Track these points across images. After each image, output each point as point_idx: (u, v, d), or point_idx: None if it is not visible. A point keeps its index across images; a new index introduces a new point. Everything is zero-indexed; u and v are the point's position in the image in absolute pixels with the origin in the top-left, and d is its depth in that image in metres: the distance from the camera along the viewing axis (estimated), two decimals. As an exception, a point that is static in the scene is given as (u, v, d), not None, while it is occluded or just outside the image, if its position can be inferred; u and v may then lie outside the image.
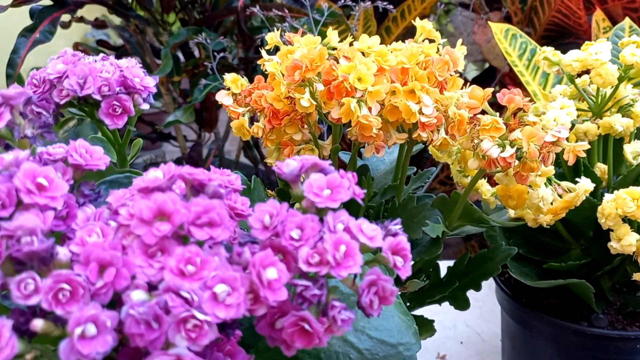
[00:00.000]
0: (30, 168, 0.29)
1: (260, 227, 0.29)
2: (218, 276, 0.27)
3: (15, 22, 1.12)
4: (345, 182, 0.31)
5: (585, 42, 0.63)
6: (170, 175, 0.30)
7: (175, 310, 0.25)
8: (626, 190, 0.57)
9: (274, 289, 0.27)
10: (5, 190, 0.28)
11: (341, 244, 0.28)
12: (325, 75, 0.50)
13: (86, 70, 0.38)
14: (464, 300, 0.65)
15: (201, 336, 0.26)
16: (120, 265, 0.27)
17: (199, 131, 1.51)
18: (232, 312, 0.26)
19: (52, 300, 0.26)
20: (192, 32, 1.18)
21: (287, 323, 0.28)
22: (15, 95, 0.34)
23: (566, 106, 0.59)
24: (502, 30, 0.82)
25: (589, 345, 0.66)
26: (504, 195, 0.58)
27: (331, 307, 0.29)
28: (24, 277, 0.26)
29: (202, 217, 0.28)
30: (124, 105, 0.39)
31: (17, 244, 0.27)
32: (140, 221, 0.28)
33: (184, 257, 0.27)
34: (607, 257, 0.64)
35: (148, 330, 0.25)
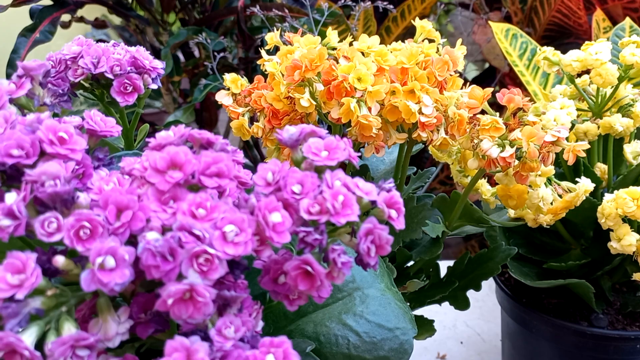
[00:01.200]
0: (52, 123, 0.32)
1: (263, 183, 0.31)
2: (227, 218, 0.29)
3: (15, 22, 1.12)
4: (341, 144, 0.33)
5: (585, 42, 0.63)
6: (181, 134, 0.33)
7: (188, 245, 0.28)
8: (626, 190, 0.57)
9: (279, 231, 0.30)
10: (29, 141, 0.30)
11: (339, 194, 0.30)
12: (325, 75, 0.50)
13: (99, 51, 0.42)
14: (464, 300, 0.65)
15: (212, 270, 0.28)
16: (137, 209, 0.29)
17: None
18: (241, 249, 0.28)
19: (73, 237, 0.28)
20: (192, 32, 1.18)
21: (290, 267, 0.30)
22: (35, 67, 0.37)
23: (566, 106, 0.59)
24: (502, 30, 0.82)
25: (588, 345, 0.66)
26: (504, 195, 0.58)
27: (331, 250, 0.31)
28: (48, 216, 0.28)
29: (212, 167, 0.31)
30: (135, 83, 0.42)
31: (42, 187, 0.29)
32: (154, 170, 0.30)
33: (195, 202, 0.29)
34: (607, 257, 0.64)
35: (164, 262, 0.27)
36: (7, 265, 0.27)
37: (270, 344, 0.30)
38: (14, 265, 0.27)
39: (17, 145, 0.30)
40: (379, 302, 0.43)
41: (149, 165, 0.30)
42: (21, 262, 0.27)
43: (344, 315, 0.41)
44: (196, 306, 0.28)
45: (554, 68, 0.64)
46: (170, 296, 0.27)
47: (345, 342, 0.41)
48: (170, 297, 0.27)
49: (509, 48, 0.81)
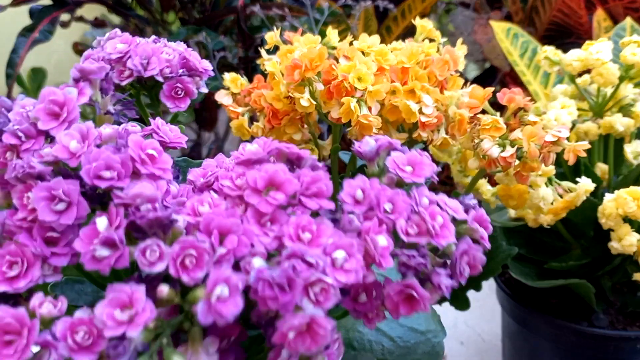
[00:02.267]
0: (138, 140, 0.29)
1: (352, 201, 0.30)
2: (335, 243, 0.28)
3: (15, 21, 1.12)
4: (425, 159, 0.32)
5: (586, 41, 0.63)
6: (269, 149, 0.31)
7: (303, 274, 0.26)
8: (627, 190, 0.57)
9: (384, 255, 0.28)
10: (119, 160, 0.28)
11: (437, 215, 0.29)
12: (325, 74, 0.50)
13: (149, 50, 0.37)
14: (464, 300, 0.64)
15: (327, 300, 0.26)
16: (241, 233, 0.27)
17: (199, 131, 1.51)
18: (352, 277, 0.27)
19: (179, 266, 0.26)
20: (191, 31, 1.17)
21: (393, 291, 0.29)
22: (95, 70, 0.33)
23: (567, 106, 0.59)
24: (503, 29, 0.82)
25: (589, 345, 0.66)
26: (505, 195, 0.58)
27: (436, 273, 0.30)
28: (149, 244, 0.26)
29: (311, 187, 0.29)
30: (187, 87, 0.38)
31: (137, 211, 0.27)
32: (253, 191, 0.28)
33: (300, 225, 0.28)
34: (608, 257, 0.64)
35: (282, 293, 0.26)
36: (113, 300, 0.25)
37: None
38: (120, 299, 0.25)
39: (106, 166, 0.28)
40: None
41: (246, 184, 0.28)
42: (127, 296, 0.25)
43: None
44: (314, 338, 0.26)
45: (555, 68, 0.64)
46: (291, 329, 0.26)
47: (380, 347, 0.40)
48: (292, 329, 0.26)
49: (509, 47, 0.80)
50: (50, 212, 0.27)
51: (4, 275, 0.26)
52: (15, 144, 0.29)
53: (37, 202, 0.27)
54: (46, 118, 0.30)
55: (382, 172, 0.32)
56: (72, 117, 0.30)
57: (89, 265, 0.26)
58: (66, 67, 1.91)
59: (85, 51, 0.39)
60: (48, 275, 0.27)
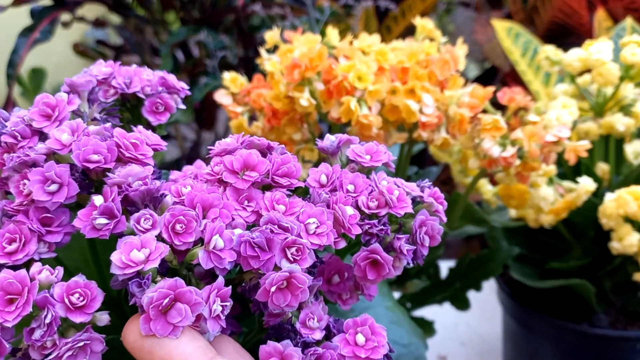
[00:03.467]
0: (122, 131, 0.33)
1: (317, 185, 0.34)
2: (307, 212, 0.31)
3: (14, 21, 1.11)
4: (381, 148, 0.35)
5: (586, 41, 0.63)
6: (242, 141, 0.35)
7: (279, 236, 0.29)
8: (628, 190, 0.57)
9: (352, 224, 0.32)
10: (105, 147, 0.31)
11: (394, 190, 0.33)
12: (324, 74, 0.50)
13: (131, 72, 0.43)
14: (464, 300, 0.64)
15: (303, 260, 0.30)
16: (222, 206, 0.31)
17: (198, 131, 1.51)
18: (324, 239, 0.31)
19: (171, 232, 0.29)
20: (191, 31, 1.17)
21: (359, 258, 0.32)
22: (83, 83, 0.38)
23: (568, 105, 0.59)
24: (504, 28, 0.82)
25: (589, 346, 0.66)
26: (505, 195, 0.58)
27: (396, 239, 0.33)
28: (143, 213, 0.29)
29: (282, 167, 0.33)
30: (167, 102, 0.43)
31: (129, 187, 0.30)
32: (229, 172, 0.32)
33: (274, 198, 0.32)
34: (608, 257, 0.64)
35: (262, 252, 0.29)
36: (127, 245, 0.28)
37: (355, 324, 0.31)
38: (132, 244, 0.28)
39: (94, 151, 0.31)
40: (390, 319, 0.44)
41: (224, 167, 0.32)
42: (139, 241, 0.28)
43: None
44: (294, 293, 0.29)
45: (555, 67, 0.64)
46: (272, 284, 0.29)
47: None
48: (273, 285, 0.29)
49: (511, 47, 0.80)
50: (44, 192, 0.30)
51: (3, 250, 0.30)
52: (12, 143, 0.33)
53: (32, 184, 0.30)
54: (40, 119, 0.34)
55: (344, 165, 0.36)
56: (63, 116, 0.34)
57: (90, 234, 0.29)
58: (66, 67, 1.92)
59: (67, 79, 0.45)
60: (43, 252, 0.30)
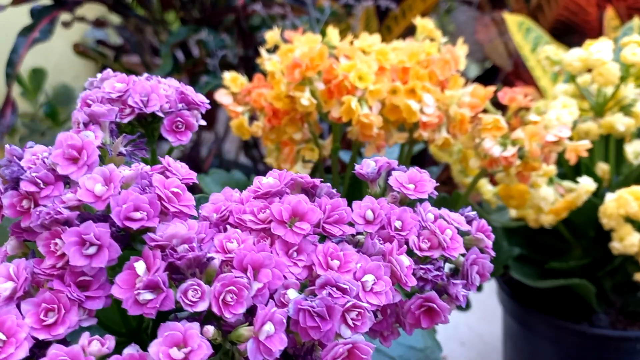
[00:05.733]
0: (162, 179, 0.30)
1: (363, 222, 0.31)
2: (363, 267, 0.29)
3: (13, 21, 1.11)
4: (425, 176, 0.33)
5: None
6: (285, 181, 0.32)
7: (339, 300, 0.27)
8: (628, 190, 0.57)
9: (409, 275, 0.30)
10: (147, 200, 0.28)
11: (446, 228, 0.31)
12: (325, 73, 0.50)
13: (148, 87, 0.38)
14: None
15: (364, 324, 0.27)
16: (273, 266, 0.28)
17: (198, 130, 1.51)
18: (383, 298, 0.28)
19: (221, 304, 0.26)
20: (191, 31, 1.17)
21: (414, 305, 0.30)
22: (105, 112, 0.33)
23: (568, 105, 0.59)
24: (516, 22, 0.81)
25: (589, 345, 0.66)
26: (506, 195, 0.58)
27: (452, 284, 0.31)
28: (191, 285, 0.27)
29: (332, 215, 0.30)
30: (187, 121, 0.39)
31: (174, 252, 0.27)
32: (278, 222, 0.29)
33: (328, 252, 0.29)
34: (609, 257, 0.64)
35: (323, 322, 0.26)
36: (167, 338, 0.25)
37: None
38: (174, 337, 0.25)
39: (135, 207, 0.28)
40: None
41: (272, 216, 0.29)
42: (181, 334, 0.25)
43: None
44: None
45: (556, 67, 0.64)
46: (335, 357, 0.26)
47: None
48: (336, 357, 0.27)
49: (521, 42, 0.79)
50: (82, 256, 0.27)
51: (41, 323, 0.26)
52: (33, 191, 0.29)
53: (67, 247, 0.27)
54: (65, 163, 0.30)
55: (384, 192, 0.34)
56: (92, 160, 0.30)
57: (133, 310, 0.26)
58: (66, 67, 1.92)
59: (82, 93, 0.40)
60: (83, 320, 0.27)
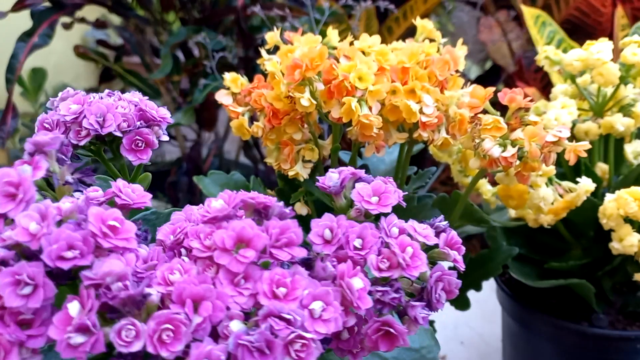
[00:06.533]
0: (98, 212, 0.28)
1: (321, 242, 0.30)
2: (311, 293, 0.27)
3: (13, 24, 1.11)
4: (390, 187, 0.32)
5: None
6: (235, 203, 0.30)
7: (282, 333, 0.26)
8: (628, 191, 0.57)
9: (362, 297, 0.28)
10: (80, 238, 0.27)
11: (406, 246, 0.29)
12: (325, 74, 0.50)
13: (103, 107, 0.37)
14: (464, 300, 0.64)
15: (309, 354, 0.26)
16: (214, 298, 0.27)
17: (199, 131, 1.51)
18: (332, 326, 0.27)
19: (157, 343, 0.25)
20: (191, 31, 1.17)
21: (370, 330, 0.29)
22: (49, 141, 0.32)
23: (567, 105, 0.59)
24: (533, 15, 0.80)
25: (589, 346, 0.66)
26: (505, 195, 0.58)
27: (411, 307, 0.30)
28: (124, 324, 0.26)
29: (281, 238, 0.29)
30: (147, 138, 0.38)
31: (108, 291, 0.26)
32: (222, 251, 0.28)
33: (274, 280, 0.27)
34: (608, 257, 0.64)
35: (262, 357, 0.25)
36: None
37: None
38: None
39: (68, 246, 0.27)
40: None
41: (215, 244, 0.28)
42: None
43: None
44: None
45: (555, 67, 0.64)
46: None
47: None
48: None
49: (537, 35, 0.79)
50: (17, 297, 0.26)
51: None
52: None
53: (2, 288, 0.26)
54: (3, 200, 0.29)
55: (351, 204, 0.32)
56: (29, 196, 0.29)
57: (66, 353, 0.25)
58: (66, 68, 1.92)
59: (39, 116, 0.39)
60: (28, 358, 0.26)
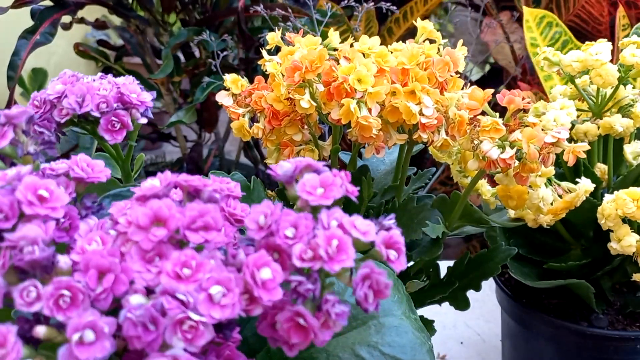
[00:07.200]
0: (31, 181, 0.30)
1: (255, 227, 0.30)
2: (213, 278, 0.28)
3: (15, 23, 1.12)
4: (337, 180, 0.31)
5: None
6: (167, 183, 0.31)
7: (171, 312, 0.26)
8: (626, 191, 0.57)
9: (269, 288, 0.28)
10: (7, 202, 0.29)
11: (333, 238, 0.29)
12: (325, 76, 0.50)
13: (84, 89, 0.40)
14: (464, 300, 0.65)
15: (197, 337, 0.27)
16: (119, 271, 0.28)
17: (199, 131, 1.51)
18: (228, 312, 0.27)
19: (53, 306, 0.27)
20: (192, 32, 1.18)
21: (282, 319, 0.29)
22: (17, 115, 0.35)
23: (566, 106, 0.59)
24: (536, 16, 0.77)
25: (589, 346, 0.66)
26: (504, 195, 0.58)
27: (325, 301, 0.29)
28: (26, 285, 0.27)
29: (197, 221, 0.29)
30: (122, 120, 0.41)
31: (20, 253, 0.28)
32: (137, 227, 0.29)
33: (180, 261, 0.28)
34: (608, 257, 0.64)
35: (145, 332, 0.26)
36: None
37: None
38: None
39: None
40: (396, 332, 0.40)
41: (132, 221, 0.29)
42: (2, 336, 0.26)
43: (358, 347, 0.39)
44: None
45: (554, 68, 0.64)
46: None
47: None
48: None
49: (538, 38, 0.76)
50: None
51: None
52: None
53: None
54: None
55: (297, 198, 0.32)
56: None
57: None
58: (67, 67, 1.91)
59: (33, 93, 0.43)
60: None
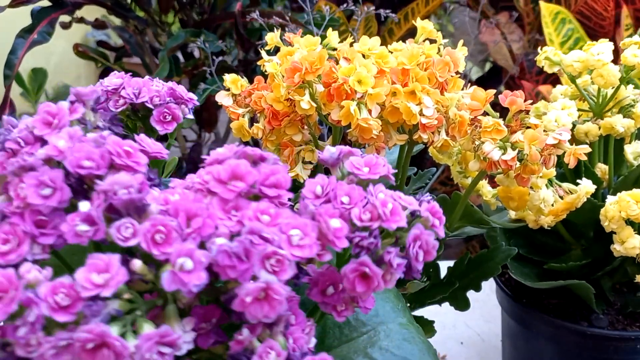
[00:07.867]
0: (116, 139, 0.34)
1: (312, 196, 0.33)
2: (291, 223, 0.31)
3: (13, 22, 1.11)
4: (380, 160, 0.35)
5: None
6: (235, 151, 0.35)
7: (260, 247, 0.29)
8: (629, 193, 0.57)
9: (338, 236, 0.31)
10: (98, 153, 0.32)
11: (388, 203, 0.33)
12: (325, 77, 0.50)
13: (140, 83, 0.44)
14: (464, 300, 0.64)
15: (282, 271, 0.29)
16: (206, 216, 0.30)
17: (199, 132, 1.51)
18: (307, 251, 0.30)
19: (150, 241, 0.29)
20: (190, 34, 1.17)
21: (348, 270, 0.32)
22: (88, 92, 0.39)
23: (567, 107, 0.59)
24: (552, 12, 0.78)
25: (589, 346, 0.66)
26: (505, 196, 0.58)
27: (387, 252, 0.32)
28: (124, 222, 0.30)
29: (270, 178, 0.33)
30: (174, 112, 0.45)
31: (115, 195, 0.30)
32: (217, 181, 0.32)
33: (259, 209, 0.31)
34: (608, 257, 0.64)
35: (240, 262, 0.29)
36: (91, 266, 0.28)
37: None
38: (97, 265, 0.28)
39: (87, 157, 0.32)
40: (403, 336, 0.43)
41: (211, 177, 0.32)
42: (104, 263, 0.29)
43: (370, 349, 0.42)
44: (271, 304, 0.29)
45: (555, 68, 0.64)
46: (248, 294, 0.29)
47: None
48: (249, 295, 0.29)
49: (553, 34, 0.77)
50: (38, 196, 0.31)
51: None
52: (15, 149, 0.34)
53: (27, 188, 0.31)
54: (41, 126, 0.35)
55: (344, 177, 0.36)
56: (62, 124, 0.35)
57: (71, 239, 0.30)
58: (66, 68, 1.92)
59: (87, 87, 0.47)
60: (37, 254, 0.31)
